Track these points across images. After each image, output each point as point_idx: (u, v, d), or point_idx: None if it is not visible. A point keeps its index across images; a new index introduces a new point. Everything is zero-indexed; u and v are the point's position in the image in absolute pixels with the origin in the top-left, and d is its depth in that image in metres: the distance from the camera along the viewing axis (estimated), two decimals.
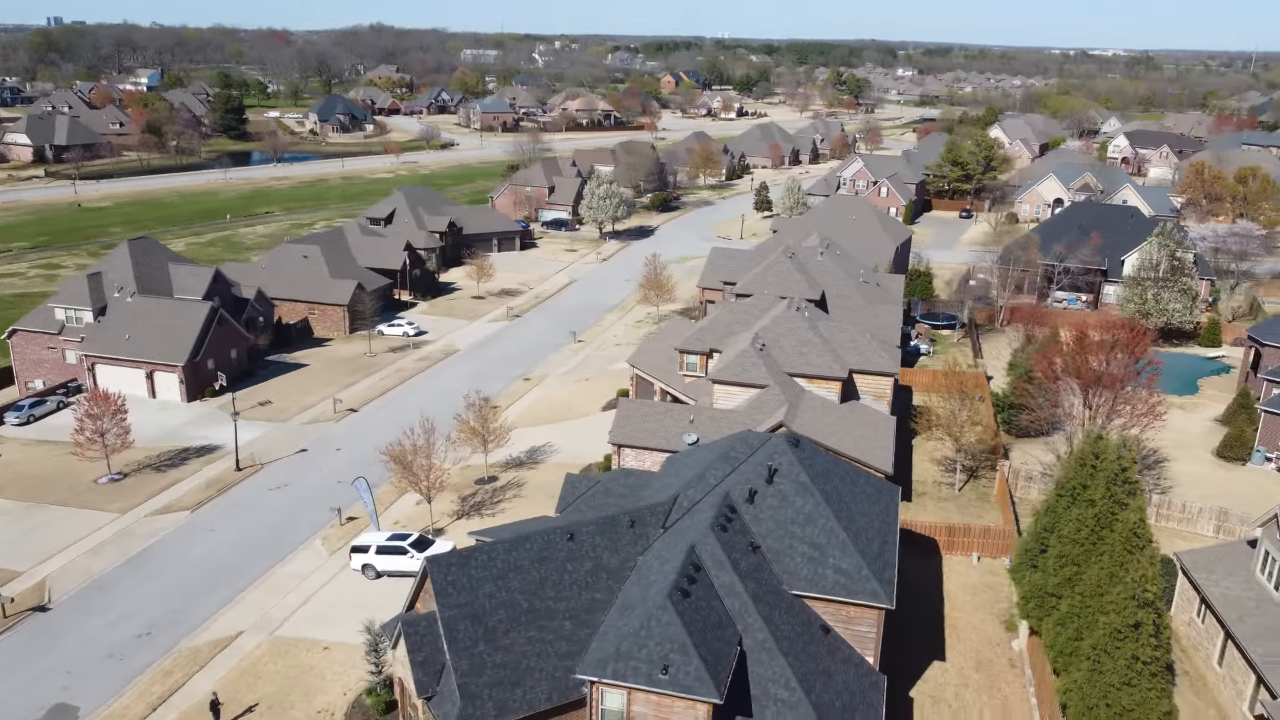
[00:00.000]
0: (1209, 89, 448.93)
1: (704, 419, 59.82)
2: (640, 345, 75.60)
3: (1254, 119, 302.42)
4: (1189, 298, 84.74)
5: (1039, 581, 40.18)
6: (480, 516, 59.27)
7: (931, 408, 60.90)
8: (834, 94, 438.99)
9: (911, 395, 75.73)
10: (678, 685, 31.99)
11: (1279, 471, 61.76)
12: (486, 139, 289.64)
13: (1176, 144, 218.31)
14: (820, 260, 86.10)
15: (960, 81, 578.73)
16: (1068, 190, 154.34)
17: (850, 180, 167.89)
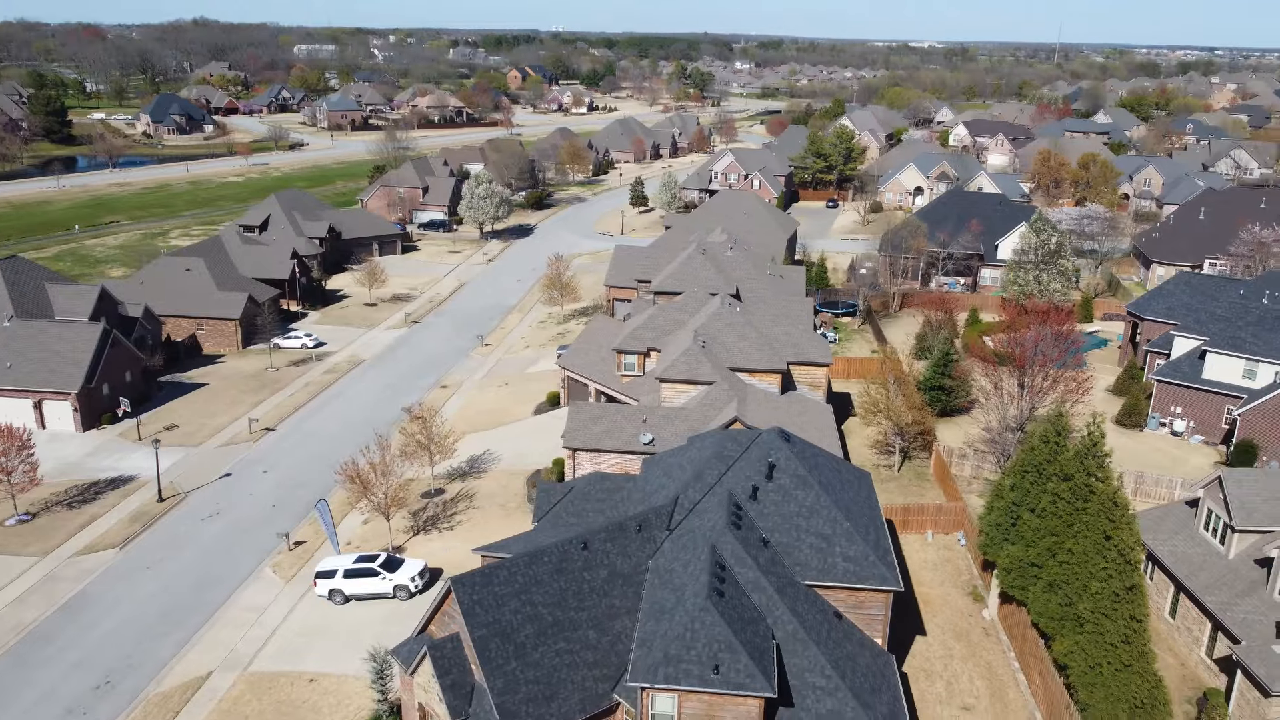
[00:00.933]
0: (1023, 79, 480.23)
1: (656, 418, 60.56)
2: (571, 347, 75.50)
3: (1068, 107, 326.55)
4: (1066, 278, 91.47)
5: (1019, 554, 42.98)
6: (438, 531, 58.13)
7: (870, 393, 63.54)
8: (680, 88, 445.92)
9: (830, 383, 78.73)
10: (730, 684, 32.73)
11: (1173, 435, 67.76)
12: (338, 138, 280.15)
13: (1010, 132, 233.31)
14: (730, 255, 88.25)
15: (796, 74, 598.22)
16: (927, 179, 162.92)
17: (722, 174, 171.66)
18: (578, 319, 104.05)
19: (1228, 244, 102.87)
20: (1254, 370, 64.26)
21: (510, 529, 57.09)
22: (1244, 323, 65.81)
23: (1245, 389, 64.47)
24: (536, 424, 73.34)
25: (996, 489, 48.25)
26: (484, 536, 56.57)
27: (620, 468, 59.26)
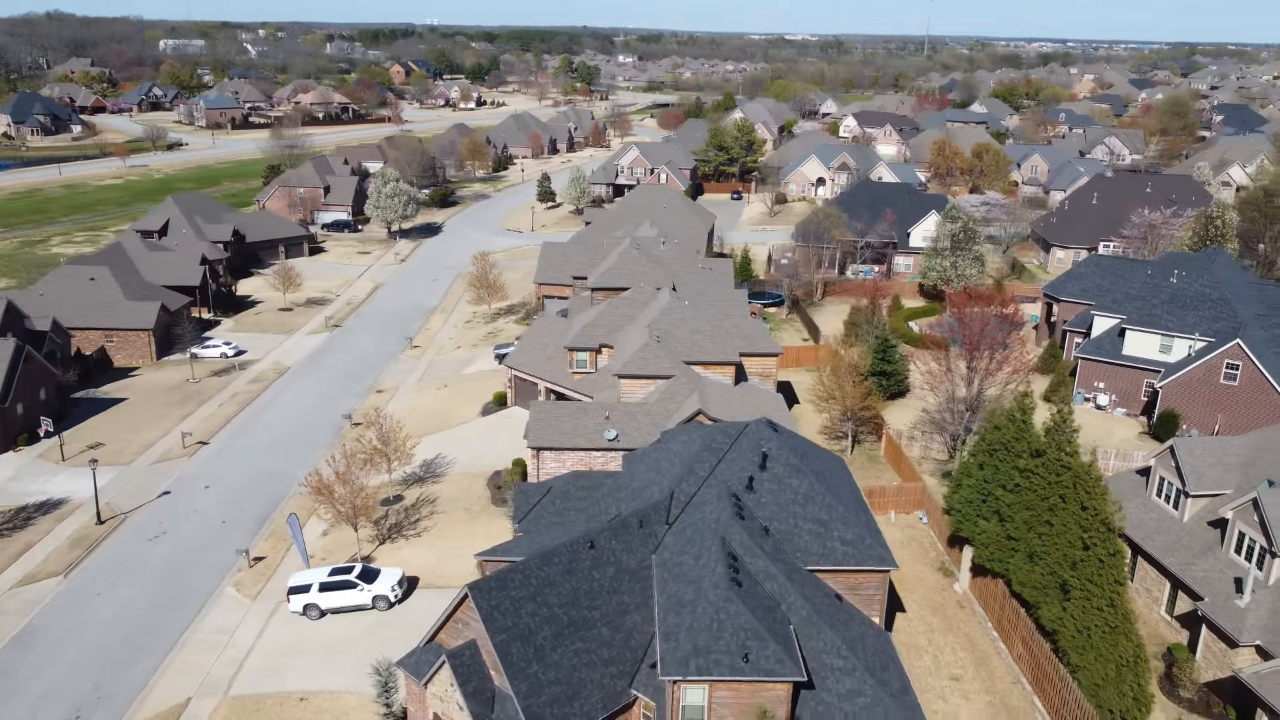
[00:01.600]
0: (899, 71, 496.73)
1: (619, 414, 60.88)
2: (517, 346, 74.93)
3: (945, 98, 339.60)
4: (980, 263, 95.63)
5: (996, 529, 45.10)
6: (404, 539, 57.05)
7: (824, 381, 65.25)
8: (568, 82, 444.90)
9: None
10: (761, 670, 33.46)
11: (1098, 409, 71.84)
12: (219, 137, 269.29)
13: (897, 123, 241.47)
14: (664, 249, 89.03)
15: (679, 67, 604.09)
16: (828, 169, 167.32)
17: (628, 168, 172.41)
18: (505, 318, 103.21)
19: (1120, 227, 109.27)
20: (1169, 345, 68.70)
21: (478, 532, 56.66)
22: (1158, 301, 70.29)
23: (1162, 363, 68.85)
24: (486, 425, 72.59)
25: (964, 468, 50.36)
26: (453, 541, 56.02)
27: (586, 465, 59.35)
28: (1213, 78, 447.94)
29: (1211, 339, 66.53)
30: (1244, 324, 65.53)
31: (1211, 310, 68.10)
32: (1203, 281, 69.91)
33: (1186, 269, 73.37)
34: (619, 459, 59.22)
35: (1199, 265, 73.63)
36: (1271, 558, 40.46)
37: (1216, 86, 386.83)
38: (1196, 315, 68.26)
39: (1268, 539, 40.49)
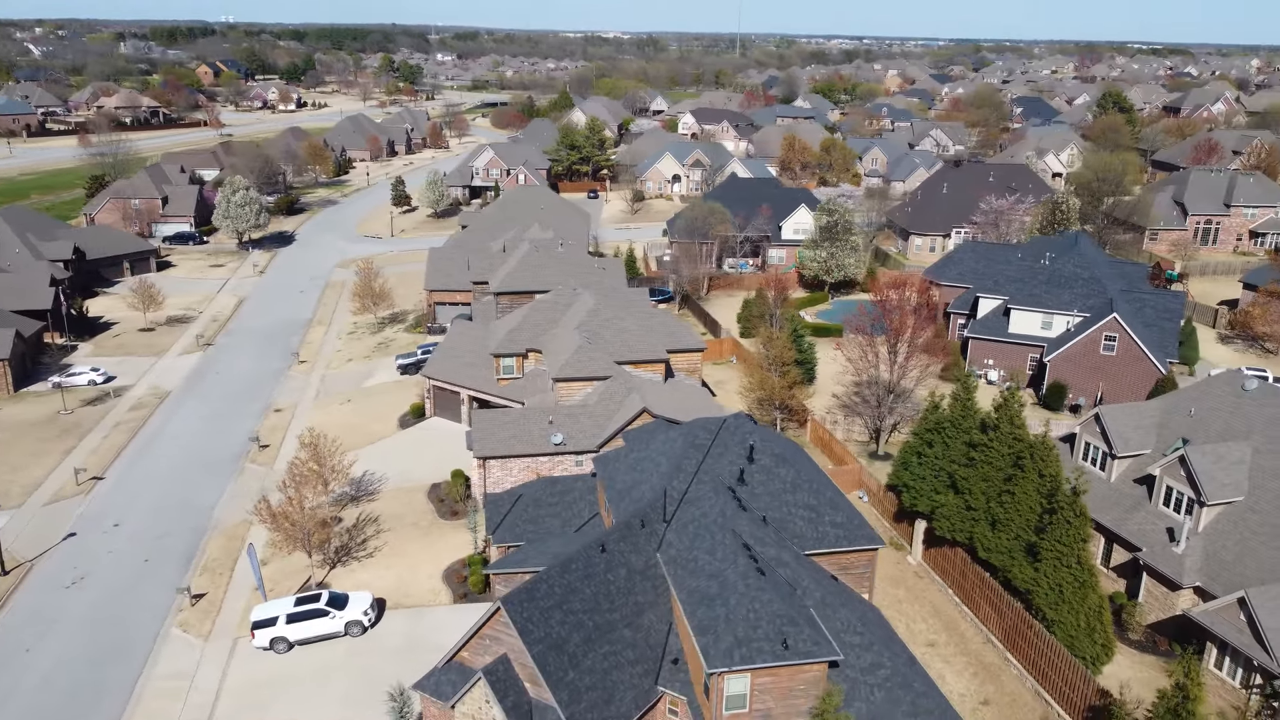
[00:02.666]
0: (717, 69, 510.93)
1: (561, 417, 60.95)
2: (434, 355, 73.32)
3: (768, 94, 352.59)
4: (857, 253, 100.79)
5: (956, 502, 48.31)
6: (357, 561, 55.14)
7: (755, 374, 67.36)
8: (391, 81, 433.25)
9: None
10: (800, 654, 34.80)
11: (989, 384, 77.37)
12: (15, 145, 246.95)
13: (734, 119, 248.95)
14: (562, 251, 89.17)
15: (500, 66, 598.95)
16: (683, 166, 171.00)
17: (484, 169, 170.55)
18: (392, 327, 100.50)
19: (971, 214, 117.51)
20: (1050, 322, 74.95)
21: (433, 548, 55.55)
22: (1037, 282, 76.51)
23: (1044, 339, 75.03)
24: (409, 438, 70.81)
25: (908, 448, 53.58)
26: (410, 559, 54.67)
27: (533, 471, 59.15)
28: (1002, 72, 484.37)
29: (1087, 314, 73.08)
30: (1113, 299, 72.31)
31: (1084, 288, 74.77)
32: (1074, 262, 76.62)
33: (1055, 251, 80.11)
34: (566, 463, 59.48)
35: (1065, 247, 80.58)
36: (1200, 507, 45.34)
37: (1008, 80, 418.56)
38: (1072, 293, 74.75)
39: (1196, 491, 45.35)
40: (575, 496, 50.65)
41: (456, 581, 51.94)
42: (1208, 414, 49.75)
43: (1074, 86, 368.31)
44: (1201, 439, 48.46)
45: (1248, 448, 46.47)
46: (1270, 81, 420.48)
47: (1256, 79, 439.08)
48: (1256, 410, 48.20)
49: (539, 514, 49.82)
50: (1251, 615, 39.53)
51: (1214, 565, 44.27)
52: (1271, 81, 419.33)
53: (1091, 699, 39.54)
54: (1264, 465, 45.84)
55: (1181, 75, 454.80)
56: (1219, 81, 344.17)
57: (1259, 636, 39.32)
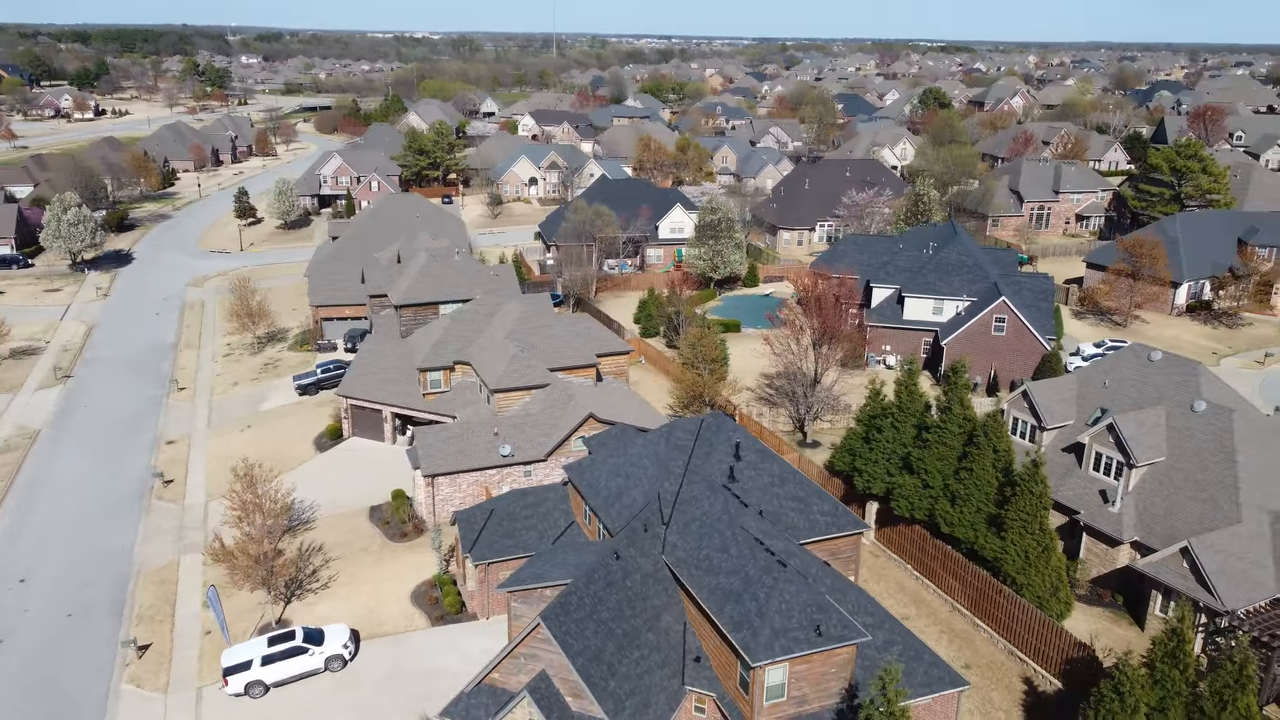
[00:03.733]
0: (539, 69, 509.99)
1: (506, 428, 60.41)
2: (350, 373, 70.56)
3: (597, 94, 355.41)
4: (741, 250, 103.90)
5: (915, 482, 51.15)
6: (313, 593, 52.73)
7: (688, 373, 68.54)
8: (198, 86, 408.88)
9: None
10: (833, 639, 36.22)
11: (887, 369, 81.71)
12: None
13: (573, 120, 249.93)
14: (459, 259, 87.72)
15: (312, 68, 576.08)
16: (539, 169, 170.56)
17: (332, 177, 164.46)
18: (273, 346, 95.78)
19: (834, 208, 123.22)
20: (941, 307, 79.98)
21: (391, 572, 53.92)
22: (927, 270, 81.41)
23: (936, 323, 80.00)
24: (330, 461, 68.04)
25: (855, 434, 56.28)
26: (371, 586, 52.88)
27: (482, 486, 58.38)
28: (813, 70, 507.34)
29: (975, 299, 78.48)
30: (996, 283, 77.97)
31: (970, 274, 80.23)
32: (959, 250, 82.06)
33: (933, 241, 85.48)
34: (515, 474, 59.02)
35: (945, 237, 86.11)
36: (1129, 469, 49.98)
37: (820, 79, 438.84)
38: (959, 279, 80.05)
39: (1125, 454, 49.95)
40: (549, 507, 50.41)
41: (428, 604, 50.62)
42: (1120, 384, 54.80)
43: (881, 84, 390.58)
44: (1117, 407, 53.35)
45: (1162, 412, 51.56)
46: (1048, 76, 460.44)
47: (1036, 74, 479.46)
48: (1163, 378, 53.51)
49: (515, 527, 49.31)
50: (1195, 562, 44.05)
51: (1147, 520, 48.94)
52: (1049, 76, 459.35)
53: (1069, 652, 43.02)
54: (1177, 426, 51.00)
55: (972, 71, 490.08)
56: (1010, 77, 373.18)
57: (1202, 580, 43.88)
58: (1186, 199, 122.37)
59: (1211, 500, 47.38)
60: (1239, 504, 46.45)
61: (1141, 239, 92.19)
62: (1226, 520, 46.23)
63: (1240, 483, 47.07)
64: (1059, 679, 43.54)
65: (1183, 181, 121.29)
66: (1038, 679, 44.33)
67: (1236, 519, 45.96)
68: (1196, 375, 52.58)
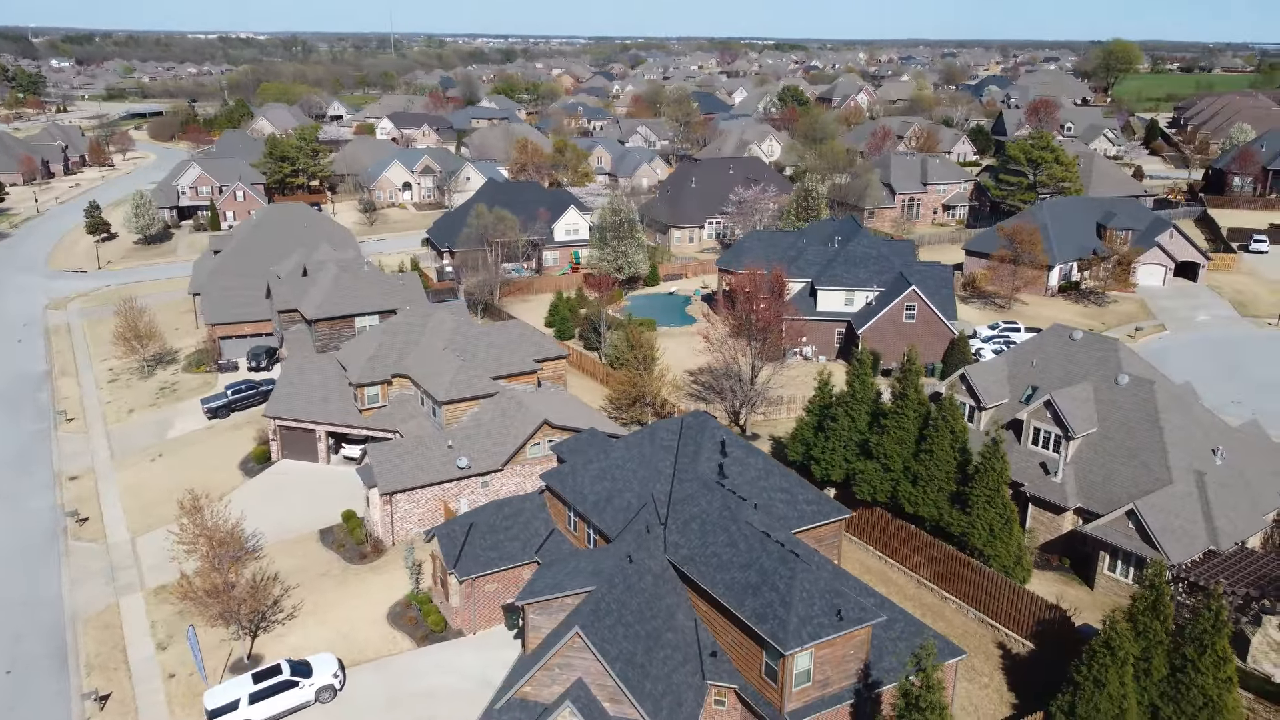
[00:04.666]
0: (382, 70, 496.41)
1: (460, 439, 59.58)
2: (276, 393, 67.55)
3: (449, 96, 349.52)
4: (643, 250, 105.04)
5: (875, 466, 53.50)
6: (279, 624, 50.55)
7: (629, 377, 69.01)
8: (11, 93, 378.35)
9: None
10: (853, 621, 37.79)
11: (804, 359, 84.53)
12: None
13: (433, 123, 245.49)
14: (368, 270, 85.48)
15: (132, 71, 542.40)
16: (413, 174, 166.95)
17: (192, 187, 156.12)
18: (165, 368, 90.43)
19: (720, 205, 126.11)
20: (852, 298, 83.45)
21: (359, 595, 52.44)
22: (836, 263, 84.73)
23: (848, 314, 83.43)
24: (263, 486, 65.11)
25: (806, 424, 58.37)
26: (341, 611, 51.28)
27: (440, 500, 57.41)
28: (658, 69, 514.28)
29: (883, 289, 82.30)
30: (902, 272, 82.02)
31: (876, 265, 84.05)
32: (864, 243, 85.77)
33: (833, 234, 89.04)
34: (473, 485, 58.31)
35: (847, 230, 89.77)
36: (1068, 441, 53.89)
37: (668, 77, 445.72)
38: (867, 271, 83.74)
39: (1064, 428, 53.83)
40: (528, 516, 50.12)
41: (408, 624, 49.45)
42: (1046, 364, 58.91)
43: (728, 82, 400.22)
44: (1047, 385, 57.37)
45: (1089, 387, 55.81)
46: (881, 73, 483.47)
47: (869, 70, 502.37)
48: (1086, 355, 57.89)
49: (497, 539, 48.82)
50: (1141, 522, 48.05)
51: (1087, 488, 52.93)
52: (882, 73, 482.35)
53: (1040, 615, 46.16)
54: (1103, 399, 55.32)
55: (811, 69, 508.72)
56: (850, 74, 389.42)
57: (1148, 539, 47.90)
58: (1041, 187, 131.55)
59: (1144, 465, 51.70)
60: (1169, 466, 50.89)
61: (1020, 226, 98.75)
62: (1159, 482, 50.56)
63: (1168, 447, 51.56)
64: (1030, 640, 46.64)
65: (1038, 170, 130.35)
66: (1010, 643, 47.35)
67: (1168, 480, 50.34)
68: (1116, 351, 57.14)
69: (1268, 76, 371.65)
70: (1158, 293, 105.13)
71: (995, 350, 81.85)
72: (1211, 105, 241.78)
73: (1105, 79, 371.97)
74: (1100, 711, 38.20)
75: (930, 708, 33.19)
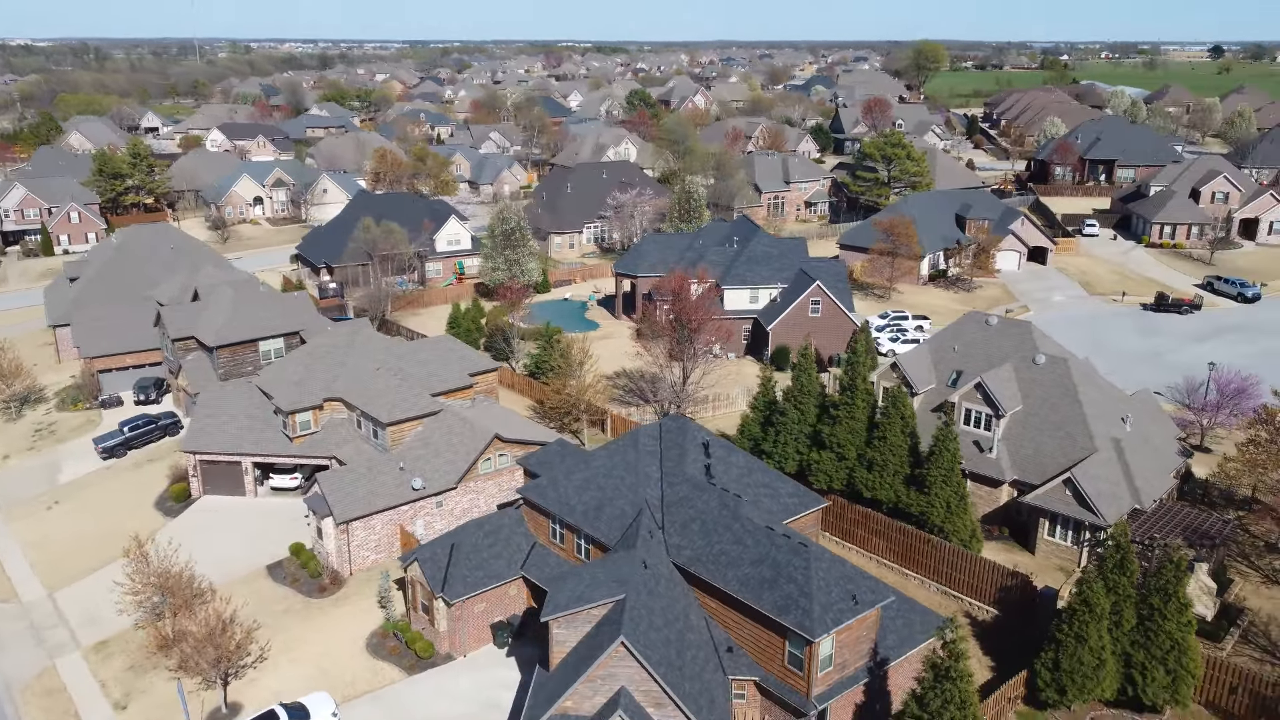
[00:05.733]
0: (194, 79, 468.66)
1: (410, 460, 58.34)
2: (194, 428, 63.67)
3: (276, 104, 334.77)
4: (535, 257, 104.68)
5: (830, 456, 55.88)
6: (251, 669, 48.01)
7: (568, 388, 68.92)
8: None
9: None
10: (867, 604, 39.76)
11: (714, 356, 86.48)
12: None
13: (269, 134, 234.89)
14: (265, 291, 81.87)
15: None
16: (264, 187, 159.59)
17: (17, 209, 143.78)
18: (36, 408, 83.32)
19: (598, 210, 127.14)
20: (757, 296, 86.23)
21: (327, 630, 50.83)
22: (739, 263, 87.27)
23: (753, 311, 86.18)
24: (188, 525, 61.36)
25: (752, 420, 60.34)
26: (313, 648, 49.52)
27: (396, 525, 56.04)
28: (486, 74, 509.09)
29: (785, 285, 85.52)
30: (802, 269, 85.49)
31: (777, 263, 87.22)
32: (764, 242, 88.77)
33: (737, 234, 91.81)
34: (428, 506, 57.19)
35: (743, 231, 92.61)
36: (998, 419, 58.03)
37: (499, 81, 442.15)
38: (769, 269, 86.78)
39: (994, 407, 57.92)
40: (507, 532, 49.69)
41: (391, 654, 48.10)
42: (967, 348, 63.12)
43: (561, 86, 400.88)
44: (970, 368, 61.54)
45: (1010, 367, 60.25)
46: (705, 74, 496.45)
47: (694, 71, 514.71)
48: (1002, 338, 62.42)
49: (482, 558, 48.22)
50: (1078, 489, 52.42)
51: (1020, 461, 57.20)
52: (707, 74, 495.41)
53: (1001, 582, 49.68)
54: (1024, 378, 59.87)
55: (638, 71, 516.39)
56: (680, 76, 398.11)
57: (1084, 504, 52.35)
58: (895, 181, 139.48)
59: (1069, 436, 56.38)
60: (1091, 435, 55.71)
61: (896, 220, 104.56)
62: (1084, 451, 55.28)
63: (1088, 419, 56.43)
64: (994, 607, 50.12)
65: (892, 166, 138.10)
66: (975, 611, 50.70)
67: (1093, 449, 55.11)
68: (1030, 333, 61.92)
69: (1060, 73, 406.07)
70: (1015, 277, 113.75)
71: (891, 338, 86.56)
72: (1019, 101, 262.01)
73: (916, 77, 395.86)
74: (1083, 664, 41.82)
75: (959, 676, 35.51)
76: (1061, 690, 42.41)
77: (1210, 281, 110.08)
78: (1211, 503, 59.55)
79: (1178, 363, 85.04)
